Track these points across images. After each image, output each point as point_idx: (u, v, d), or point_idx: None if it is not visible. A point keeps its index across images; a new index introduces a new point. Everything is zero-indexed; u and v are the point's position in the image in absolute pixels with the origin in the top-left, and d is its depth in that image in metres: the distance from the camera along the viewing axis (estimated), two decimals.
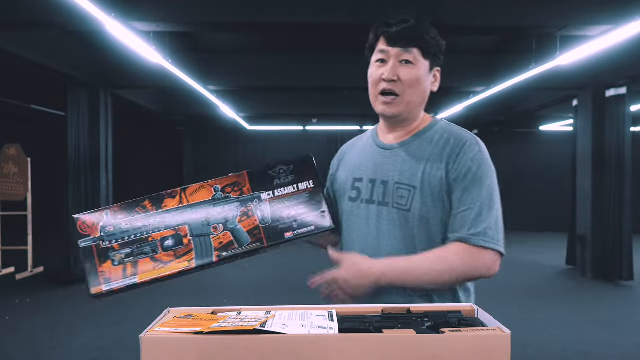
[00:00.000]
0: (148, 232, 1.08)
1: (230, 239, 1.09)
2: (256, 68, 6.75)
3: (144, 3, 3.93)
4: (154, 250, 1.08)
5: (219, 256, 1.08)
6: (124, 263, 1.07)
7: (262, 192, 1.13)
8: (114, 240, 1.08)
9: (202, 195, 1.11)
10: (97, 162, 6.33)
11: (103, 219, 1.09)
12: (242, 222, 1.10)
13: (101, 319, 4.45)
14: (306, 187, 1.14)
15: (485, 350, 0.73)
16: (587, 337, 4.00)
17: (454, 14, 4.05)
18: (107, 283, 1.06)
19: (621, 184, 6.13)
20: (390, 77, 1.17)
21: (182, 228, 1.09)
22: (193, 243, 1.08)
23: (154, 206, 1.11)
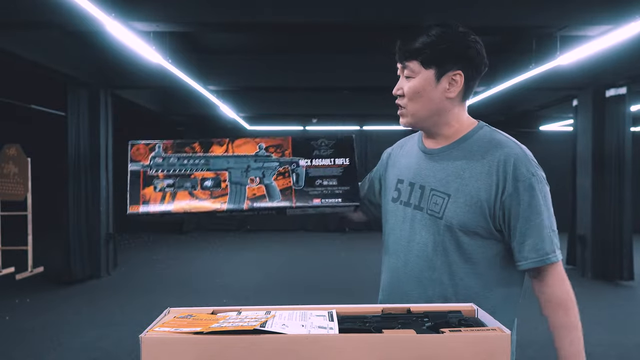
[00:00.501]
0: (192, 169, 1.18)
1: (263, 193, 1.17)
2: (256, 68, 6.75)
3: (144, 3, 3.93)
4: (193, 186, 1.17)
5: (250, 206, 1.16)
6: (165, 191, 1.17)
7: (301, 159, 1.21)
8: (160, 170, 1.18)
9: (247, 149, 1.21)
10: (97, 162, 6.33)
11: (155, 150, 1.20)
12: (277, 181, 1.18)
13: (101, 319, 4.45)
14: (342, 162, 1.22)
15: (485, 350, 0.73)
16: (587, 337, 3.97)
17: (453, 14, 4.04)
18: (145, 205, 1.16)
19: (621, 184, 6.13)
20: (395, 92, 1.23)
21: (222, 173, 1.18)
22: (229, 188, 1.17)
23: (202, 149, 1.21)
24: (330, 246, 9.08)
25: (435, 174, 1.20)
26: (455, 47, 1.16)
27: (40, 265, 6.47)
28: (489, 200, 1.13)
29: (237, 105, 8.52)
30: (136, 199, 1.16)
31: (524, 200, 1.11)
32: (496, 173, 1.13)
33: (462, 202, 1.14)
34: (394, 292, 1.26)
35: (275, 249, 8.72)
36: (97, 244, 6.28)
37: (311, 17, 4.11)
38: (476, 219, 1.13)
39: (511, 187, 1.12)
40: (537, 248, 1.11)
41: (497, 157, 1.14)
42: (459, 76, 1.17)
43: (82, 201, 6.13)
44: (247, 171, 1.19)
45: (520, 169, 1.12)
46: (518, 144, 1.18)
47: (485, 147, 1.17)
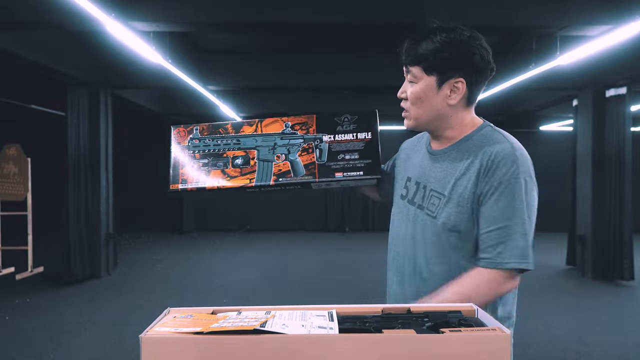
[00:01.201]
0: (224, 149, 1.28)
1: (288, 169, 1.24)
2: (256, 68, 6.75)
3: (144, 3, 3.93)
4: (225, 165, 1.27)
5: (276, 181, 1.23)
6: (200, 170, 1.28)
7: (325, 135, 1.27)
8: (196, 151, 1.30)
9: (274, 128, 1.28)
10: (97, 162, 6.33)
11: (192, 132, 1.32)
12: (302, 156, 1.25)
13: (101, 319, 4.45)
14: (364, 137, 1.27)
15: (485, 350, 0.73)
16: (587, 337, 4.00)
17: (453, 15, 4.04)
18: (183, 183, 1.29)
19: (621, 184, 6.13)
20: (399, 95, 1.25)
21: (251, 151, 1.27)
22: (257, 165, 1.25)
23: (234, 129, 1.30)
24: (330, 246, 9.08)
25: (435, 175, 1.23)
26: (458, 54, 1.15)
27: (40, 265, 6.47)
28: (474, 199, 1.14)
29: (237, 105, 8.52)
30: (176, 178, 1.30)
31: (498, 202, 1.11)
32: (480, 169, 1.14)
33: (455, 203, 1.16)
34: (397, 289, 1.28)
35: (275, 249, 8.72)
36: (97, 244, 6.28)
37: (311, 17, 4.11)
38: (467, 218, 1.15)
39: (486, 186, 1.12)
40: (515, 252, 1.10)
41: (486, 155, 1.14)
42: (461, 83, 1.17)
43: (82, 201, 6.13)
44: (274, 149, 1.26)
45: (501, 168, 1.11)
46: (511, 141, 1.16)
47: (481, 146, 1.17)
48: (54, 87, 6.11)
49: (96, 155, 6.33)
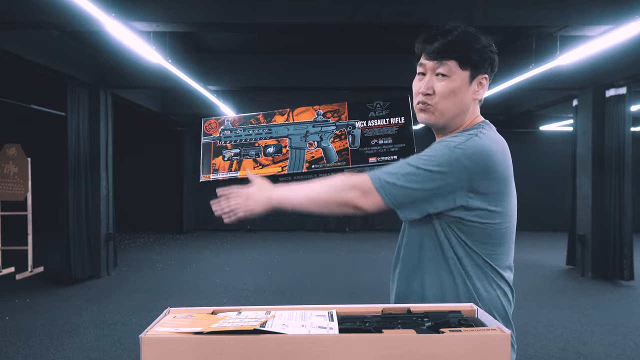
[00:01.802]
0: (256, 138, 1.28)
1: (321, 155, 1.24)
2: (256, 68, 6.75)
3: (144, 3, 3.93)
4: (257, 153, 1.27)
5: (308, 168, 1.23)
6: (232, 160, 1.29)
7: (357, 121, 1.26)
8: (228, 141, 1.30)
9: (306, 116, 1.29)
10: (97, 162, 6.33)
11: (224, 123, 1.32)
12: (334, 143, 1.25)
13: (101, 319, 4.45)
14: (397, 122, 1.25)
15: (485, 350, 0.73)
16: (587, 337, 4.00)
17: (453, 14, 4.04)
18: (215, 173, 1.29)
19: (621, 184, 6.13)
20: (425, 91, 1.20)
21: (283, 140, 1.27)
22: (289, 153, 1.26)
23: (265, 119, 1.31)
24: (330, 246, 9.08)
25: None
26: (485, 52, 1.21)
27: (40, 265, 6.47)
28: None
29: (237, 105, 8.52)
30: (207, 168, 1.30)
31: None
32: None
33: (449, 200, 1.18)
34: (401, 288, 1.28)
35: (275, 249, 8.72)
36: (97, 244, 6.28)
37: (311, 17, 4.11)
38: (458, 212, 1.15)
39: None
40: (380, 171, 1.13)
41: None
42: (485, 80, 1.23)
43: (82, 201, 6.13)
44: (306, 136, 1.26)
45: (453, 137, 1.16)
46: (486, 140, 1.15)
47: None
48: (54, 87, 6.12)
49: (96, 155, 6.33)
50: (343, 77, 6.80)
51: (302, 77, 6.81)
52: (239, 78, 6.81)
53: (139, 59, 5.11)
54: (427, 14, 4.03)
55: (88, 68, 6.06)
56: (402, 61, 5.17)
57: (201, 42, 6.34)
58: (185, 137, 11.21)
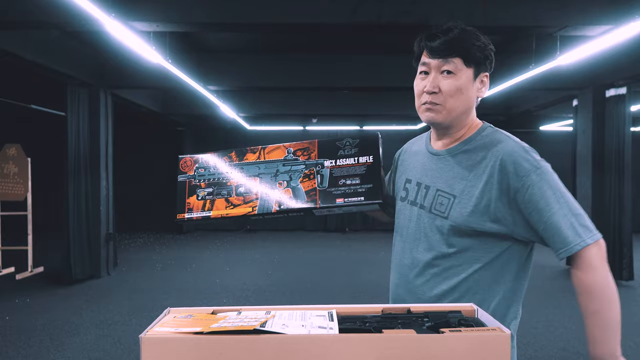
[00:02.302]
0: (229, 178, 1.29)
1: (290, 196, 1.24)
2: (256, 68, 6.75)
3: (144, 3, 3.93)
4: (229, 193, 1.27)
5: (277, 208, 1.23)
6: (205, 199, 1.28)
7: (326, 160, 1.25)
8: (202, 180, 1.30)
9: (277, 154, 1.29)
10: (97, 162, 6.33)
11: (199, 161, 1.32)
12: (303, 183, 1.24)
13: (101, 319, 4.45)
14: (366, 160, 1.23)
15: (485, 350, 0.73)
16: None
17: (453, 14, 4.04)
18: (189, 212, 1.29)
19: (621, 184, 6.13)
20: (430, 89, 1.19)
21: (254, 179, 1.28)
22: (259, 193, 1.26)
23: (238, 157, 1.31)
24: (330, 246, 9.08)
25: (441, 175, 1.22)
26: (486, 49, 1.20)
27: (40, 265, 6.47)
28: (492, 200, 1.13)
29: (237, 105, 8.52)
30: (182, 207, 1.29)
31: (536, 192, 1.11)
32: (498, 172, 1.14)
33: (466, 203, 1.15)
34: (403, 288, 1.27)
35: (275, 249, 8.72)
36: (97, 244, 6.28)
37: (311, 17, 4.11)
38: (481, 218, 1.14)
39: (516, 183, 1.12)
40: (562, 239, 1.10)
41: (495, 156, 1.15)
42: (486, 78, 1.23)
43: (82, 201, 6.13)
44: (276, 175, 1.26)
45: (522, 164, 1.13)
46: (513, 139, 1.18)
47: (487, 147, 1.18)
48: (54, 87, 6.12)
49: (96, 155, 6.33)
50: (343, 77, 6.80)
51: (302, 77, 6.81)
52: (239, 78, 6.81)
53: (139, 59, 5.11)
54: (427, 14, 4.04)
55: (88, 68, 6.06)
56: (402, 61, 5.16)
57: (201, 42, 6.34)
58: (185, 137, 11.21)
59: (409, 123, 10.45)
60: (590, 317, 1.13)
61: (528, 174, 1.12)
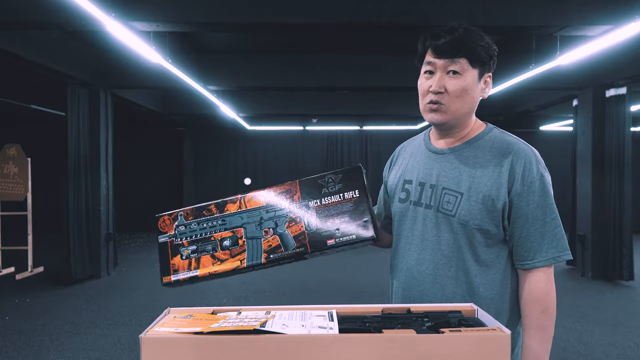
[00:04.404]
0: (211, 232, 1.22)
1: (278, 243, 1.17)
2: (256, 68, 6.75)
3: (144, 3, 3.93)
4: (214, 248, 1.20)
5: (267, 258, 1.16)
6: (190, 258, 1.21)
7: (310, 200, 1.19)
8: (184, 238, 1.23)
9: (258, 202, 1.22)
10: (97, 162, 6.33)
11: (177, 219, 1.25)
12: (290, 228, 1.18)
13: (101, 319, 4.45)
14: (352, 196, 1.18)
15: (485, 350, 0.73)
16: (587, 337, 4.00)
17: (454, 14, 4.04)
18: (175, 274, 1.21)
19: (621, 184, 6.13)
20: (437, 89, 1.18)
21: (238, 230, 1.20)
22: (246, 244, 1.19)
23: (217, 210, 1.23)
24: None
25: (446, 173, 1.21)
26: (491, 49, 1.21)
27: (40, 265, 6.47)
28: (500, 199, 1.14)
29: (237, 105, 8.52)
30: (167, 269, 1.22)
31: (533, 200, 1.13)
32: (507, 172, 1.15)
33: (475, 201, 1.15)
34: (410, 292, 1.25)
35: None
36: (97, 244, 6.28)
37: (311, 17, 4.11)
38: (488, 216, 1.15)
39: (519, 187, 1.14)
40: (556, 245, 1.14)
41: (508, 158, 1.16)
42: (490, 78, 1.24)
43: (82, 201, 6.13)
44: (260, 224, 1.20)
45: (531, 170, 1.14)
46: (528, 145, 1.20)
47: (497, 147, 1.19)
48: (54, 87, 6.12)
49: (96, 155, 6.33)
50: (343, 77, 6.80)
51: (302, 77, 6.81)
52: (239, 78, 6.81)
53: (139, 59, 5.11)
54: (427, 14, 4.04)
55: (88, 68, 6.06)
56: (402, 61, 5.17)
57: (201, 42, 6.34)
58: (185, 137, 11.21)
59: (409, 123, 10.45)
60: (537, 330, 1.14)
61: (533, 182, 1.14)
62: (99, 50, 5.79)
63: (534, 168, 1.14)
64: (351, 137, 11.51)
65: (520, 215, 1.14)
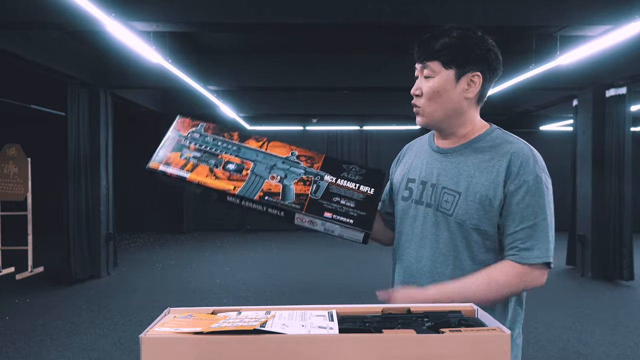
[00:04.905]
0: (221, 151, 1.23)
1: (279, 191, 1.18)
2: (256, 68, 6.75)
3: (144, 3, 3.93)
4: (216, 165, 1.21)
5: (261, 198, 1.17)
6: (188, 160, 1.22)
7: (327, 174, 1.22)
8: (193, 143, 1.24)
9: (280, 152, 1.24)
10: (97, 162, 6.33)
11: (197, 127, 1.27)
12: (297, 186, 1.20)
13: (101, 319, 4.45)
14: (366, 190, 1.20)
15: (485, 350, 0.73)
16: (587, 337, 4.00)
17: (454, 14, 4.04)
18: (166, 165, 1.21)
19: (621, 184, 6.13)
20: (413, 92, 1.24)
21: (247, 162, 1.22)
22: (249, 177, 1.20)
23: (239, 138, 1.26)
24: (330, 246, 9.08)
25: (447, 173, 1.22)
26: (475, 49, 1.19)
27: (40, 265, 6.47)
28: (497, 198, 1.14)
29: (237, 105, 8.52)
30: (160, 158, 1.22)
31: (525, 200, 1.13)
32: (505, 172, 1.15)
33: (472, 200, 1.16)
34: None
35: (275, 249, 8.72)
36: (97, 244, 6.28)
37: (311, 17, 4.11)
38: (485, 216, 1.15)
39: (512, 185, 1.13)
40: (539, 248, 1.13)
41: (505, 156, 1.16)
42: (477, 77, 1.21)
43: (82, 201, 6.13)
44: (271, 168, 1.21)
45: (526, 168, 1.14)
46: (528, 145, 1.19)
47: (497, 148, 1.19)
48: (54, 87, 6.12)
49: (96, 155, 6.33)
50: (343, 77, 6.80)
51: (302, 77, 6.81)
52: (239, 78, 6.82)
53: (139, 59, 5.11)
54: (427, 14, 4.04)
55: (88, 68, 6.06)
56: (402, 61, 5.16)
57: (201, 42, 6.34)
58: None
59: (409, 123, 10.45)
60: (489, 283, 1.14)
61: (527, 180, 1.13)
62: (99, 50, 5.79)
63: (530, 168, 1.14)
64: (351, 137, 11.51)
65: (510, 212, 1.14)
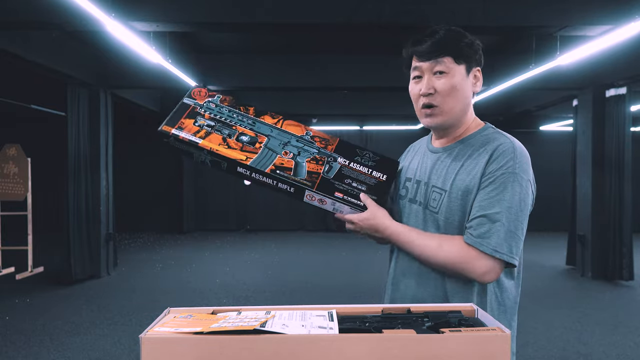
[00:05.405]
0: (236, 123, 1.24)
1: (291, 167, 1.18)
2: (256, 68, 6.75)
3: (144, 3, 3.93)
4: (229, 135, 1.21)
5: (272, 171, 1.17)
6: (202, 127, 1.22)
7: (341, 157, 1.23)
8: (208, 112, 1.25)
9: (295, 130, 1.25)
10: (97, 162, 6.33)
11: (213, 98, 1.28)
12: (309, 164, 1.20)
13: (101, 319, 4.45)
14: (379, 176, 1.22)
15: (485, 350, 0.73)
16: (587, 337, 4.00)
17: (454, 15, 4.04)
18: (179, 129, 1.21)
19: (621, 184, 6.13)
20: (427, 91, 1.20)
21: (261, 137, 1.22)
22: (261, 150, 1.20)
23: (255, 113, 1.27)
24: (330, 246, 9.08)
25: (437, 172, 1.23)
26: (474, 45, 1.22)
27: (40, 265, 6.47)
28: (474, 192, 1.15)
29: None
30: (173, 122, 1.22)
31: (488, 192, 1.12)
32: (483, 165, 1.15)
33: (455, 197, 1.16)
34: (397, 284, 1.29)
35: (275, 249, 8.72)
36: (97, 244, 6.28)
37: (311, 17, 4.11)
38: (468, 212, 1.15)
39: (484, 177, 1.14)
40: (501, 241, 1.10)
41: (488, 152, 1.16)
42: (479, 72, 1.24)
43: (82, 201, 6.13)
44: (285, 145, 1.22)
45: (499, 162, 1.13)
46: (515, 143, 1.17)
47: (484, 144, 1.19)
48: (54, 87, 6.12)
49: (96, 155, 6.33)
50: (343, 77, 6.80)
51: (302, 77, 6.81)
52: (239, 78, 6.82)
53: (139, 59, 5.11)
54: (427, 14, 4.04)
55: (88, 68, 6.06)
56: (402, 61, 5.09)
57: (201, 42, 6.34)
58: None
59: (409, 123, 10.45)
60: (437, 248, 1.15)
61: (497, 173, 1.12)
62: (99, 50, 5.79)
63: (503, 162, 1.12)
64: (351, 137, 11.50)
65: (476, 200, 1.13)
